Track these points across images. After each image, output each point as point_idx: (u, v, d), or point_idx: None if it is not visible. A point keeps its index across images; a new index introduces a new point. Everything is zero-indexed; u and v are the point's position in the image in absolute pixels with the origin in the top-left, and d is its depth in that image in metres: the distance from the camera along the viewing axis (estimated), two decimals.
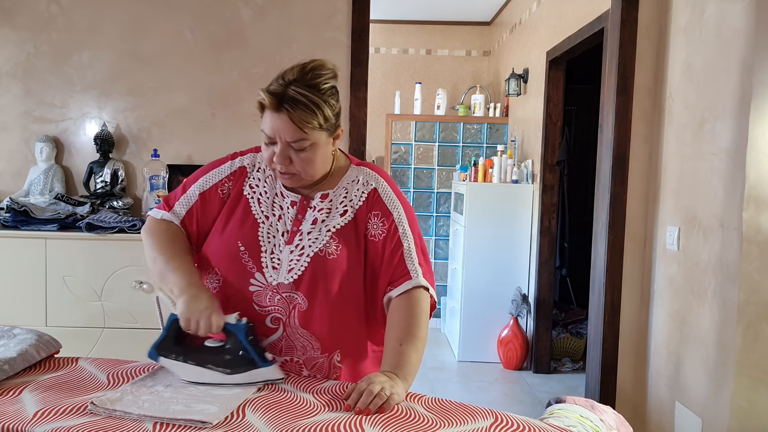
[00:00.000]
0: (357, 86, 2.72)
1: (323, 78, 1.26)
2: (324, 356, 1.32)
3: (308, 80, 1.24)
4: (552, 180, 3.98)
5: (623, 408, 2.72)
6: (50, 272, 2.41)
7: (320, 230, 1.32)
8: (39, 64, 2.75)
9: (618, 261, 2.69)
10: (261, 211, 1.35)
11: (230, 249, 1.32)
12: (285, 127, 1.23)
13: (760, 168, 1.99)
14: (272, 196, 1.37)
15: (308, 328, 1.30)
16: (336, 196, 1.36)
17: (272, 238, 1.33)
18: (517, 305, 4.09)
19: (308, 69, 1.25)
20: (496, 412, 1.11)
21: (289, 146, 1.25)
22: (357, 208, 1.35)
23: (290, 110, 1.22)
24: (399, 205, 1.37)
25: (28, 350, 1.25)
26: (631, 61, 2.61)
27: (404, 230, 1.35)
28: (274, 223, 1.34)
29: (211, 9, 2.75)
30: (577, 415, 1.17)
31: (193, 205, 1.38)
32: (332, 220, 1.33)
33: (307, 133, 1.24)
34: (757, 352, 2.02)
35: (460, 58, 5.67)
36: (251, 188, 1.37)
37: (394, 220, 1.35)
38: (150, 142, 2.79)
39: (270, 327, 1.30)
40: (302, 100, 1.22)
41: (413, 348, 1.25)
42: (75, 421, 1.01)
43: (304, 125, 1.23)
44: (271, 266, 1.30)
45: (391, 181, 1.41)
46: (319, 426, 1.02)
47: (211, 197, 1.38)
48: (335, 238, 1.31)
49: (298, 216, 1.34)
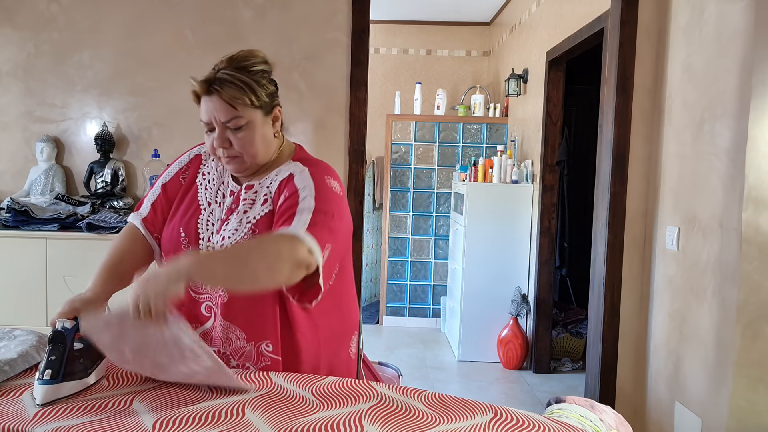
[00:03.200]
0: (357, 86, 2.73)
1: (251, 62, 1.31)
2: (250, 344, 1.32)
3: (236, 64, 1.29)
4: (552, 180, 3.98)
5: (623, 408, 2.72)
6: (51, 272, 2.42)
7: (240, 221, 1.33)
8: (39, 64, 2.75)
9: (618, 261, 2.69)
10: (205, 198, 1.38)
11: (173, 236, 1.36)
12: (217, 107, 1.26)
13: (760, 168, 1.99)
14: (218, 184, 1.40)
15: (229, 318, 1.31)
16: (261, 186, 1.36)
17: (210, 225, 1.35)
18: (517, 305, 4.10)
19: (236, 56, 1.31)
20: (496, 407, 1.11)
21: (226, 128, 1.28)
22: (273, 195, 1.33)
23: (220, 89, 1.25)
24: (312, 186, 1.28)
25: (28, 351, 1.25)
26: (630, 62, 2.61)
27: (305, 201, 1.25)
28: (215, 211, 1.36)
29: (212, 9, 2.75)
30: (577, 414, 1.17)
31: (156, 198, 1.42)
32: (253, 211, 1.33)
33: (239, 110, 1.27)
34: (756, 351, 2.02)
35: (460, 58, 5.67)
36: (203, 175, 1.41)
37: (298, 191, 1.28)
38: (150, 142, 2.79)
39: (204, 315, 1.33)
40: (230, 79, 1.26)
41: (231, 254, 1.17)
42: (75, 421, 1.02)
43: (235, 102, 1.26)
44: None
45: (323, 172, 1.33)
46: (318, 424, 1.02)
47: (172, 186, 1.42)
48: (254, 229, 1.31)
49: (232, 205, 1.36)
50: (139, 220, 1.42)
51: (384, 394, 1.17)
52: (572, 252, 4.55)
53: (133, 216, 1.44)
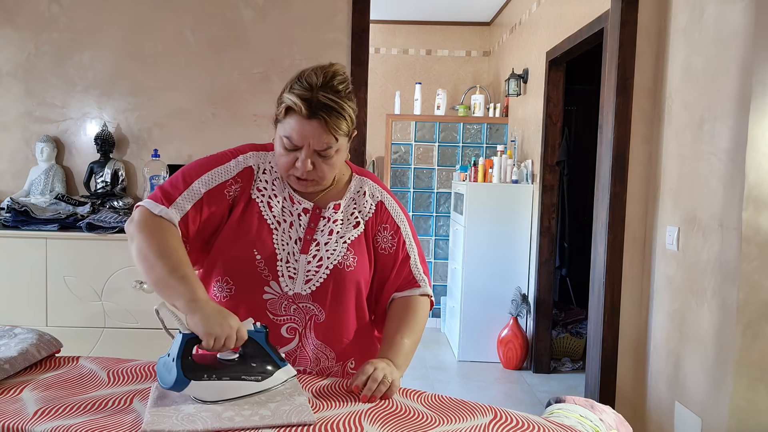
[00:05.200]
0: (357, 86, 2.72)
1: (345, 84, 1.24)
2: (338, 365, 1.34)
3: (334, 86, 1.21)
4: (552, 180, 3.98)
5: (623, 408, 2.72)
6: (50, 272, 2.42)
7: (336, 242, 1.31)
8: (40, 64, 2.75)
9: (618, 261, 2.69)
10: (273, 217, 1.30)
11: (245, 256, 1.26)
12: (317, 134, 1.20)
13: (760, 168, 1.99)
14: (282, 201, 1.32)
15: (324, 340, 1.31)
16: (347, 207, 1.36)
17: (286, 245, 1.29)
18: (516, 305, 4.10)
19: (330, 73, 1.22)
20: (496, 409, 1.11)
21: (316, 152, 1.23)
22: (367, 220, 1.36)
23: (326, 117, 1.19)
24: (404, 218, 1.41)
25: (28, 349, 1.25)
26: (630, 62, 2.61)
27: (410, 243, 1.40)
28: (286, 230, 1.30)
29: (212, 9, 2.75)
30: (577, 414, 1.17)
31: (197, 202, 1.26)
32: (347, 232, 1.33)
33: (338, 140, 1.23)
34: (757, 351, 2.02)
35: (460, 58, 5.67)
36: (259, 191, 1.31)
37: (402, 234, 1.39)
38: (150, 142, 2.79)
39: (285, 337, 1.30)
40: (334, 106, 1.20)
41: (410, 341, 1.31)
42: (75, 420, 1.02)
43: (336, 132, 1.21)
44: (287, 275, 1.28)
45: (390, 192, 1.45)
46: (318, 424, 1.02)
47: (216, 197, 1.28)
48: (351, 249, 1.32)
49: (311, 224, 1.31)
50: (178, 218, 1.24)
51: None
52: (572, 252, 4.55)
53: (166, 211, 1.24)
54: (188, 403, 1.07)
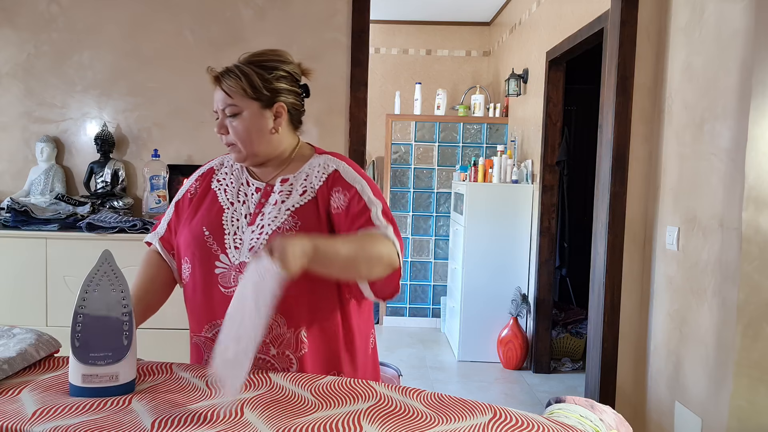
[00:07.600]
0: (357, 86, 2.73)
1: (264, 58, 1.36)
2: (290, 331, 1.33)
3: (249, 59, 1.36)
4: (552, 180, 3.98)
5: (623, 408, 2.72)
6: (50, 272, 2.42)
7: (279, 209, 1.36)
8: (39, 64, 2.75)
9: (618, 261, 2.69)
10: (227, 199, 1.42)
11: (195, 234, 1.38)
12: (219, 96, 1.35)
13: (760, 168, 1.99)
14: (238, 186, 1.43)
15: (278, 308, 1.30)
16: (296, 179, 1.40)
17: (236, 221, 1.38)
18: (516, 305, 4.10)
19: (254, 53, 1.38)
20: (495, 407, 1.11)
21: (225, 115, 1.35)
22: (317, 188, 1.38)
23: (222, 79, 1.34)
24: (363, 181, 1.37)
25: (27, 350, 1.25)
26: (630, 61, 2.61)
27: (369, 199, 1.34)
28: (238, 209, 1.40)
29: (212, 9, 2.75)
30: (577, 414, 1.17)
31: (171, 216, 1.48)
32: (291, 200, 1.37)
33: (234, 99, 1.33)
34: (757, 351, 2.02)
35: (460, 58, 5.67)
36: (218, 182, 1.45)
37: (357, 191, 1.36)
38: (150, 142, 2.79)
39: None
40: (233, 70, 1.34)
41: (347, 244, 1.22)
42: (73, 420, 1.01)
43: (231, 90, 1.33)
44: (233, 246, 1.35)
45: (354, 164, 1.44)
46: (316, 423, 1.02)
47: (183, 203, 1.47)
48: (294, 216, 1.34)
49: (261, 200, 1.39)
50: (157, 239, 1.47)
51: (383, 393, 1.17)
52: (572, 252, 4.55)
53: (152, 236, 1.49)
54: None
